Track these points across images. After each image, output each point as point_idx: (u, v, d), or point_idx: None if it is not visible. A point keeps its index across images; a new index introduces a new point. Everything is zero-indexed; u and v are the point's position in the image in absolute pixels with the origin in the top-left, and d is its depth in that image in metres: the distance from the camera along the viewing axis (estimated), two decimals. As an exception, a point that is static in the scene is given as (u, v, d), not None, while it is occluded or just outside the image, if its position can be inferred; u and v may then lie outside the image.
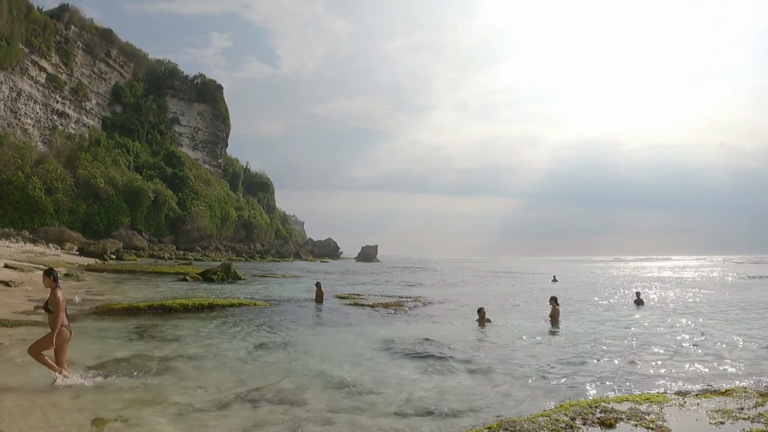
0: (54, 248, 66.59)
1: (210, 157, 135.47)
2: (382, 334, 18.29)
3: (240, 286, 37.18)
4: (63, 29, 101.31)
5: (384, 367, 13.29)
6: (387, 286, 44.44)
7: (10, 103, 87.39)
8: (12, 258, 42.99)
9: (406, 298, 32.26)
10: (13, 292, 24.83)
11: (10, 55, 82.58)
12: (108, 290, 30.32)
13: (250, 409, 9.60)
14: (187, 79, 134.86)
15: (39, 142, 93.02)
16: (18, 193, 77.88)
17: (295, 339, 16.99)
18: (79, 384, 10.40)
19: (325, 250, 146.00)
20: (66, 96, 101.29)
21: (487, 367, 13.69)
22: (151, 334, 16.72)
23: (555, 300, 23.66)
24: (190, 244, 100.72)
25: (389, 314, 24.35)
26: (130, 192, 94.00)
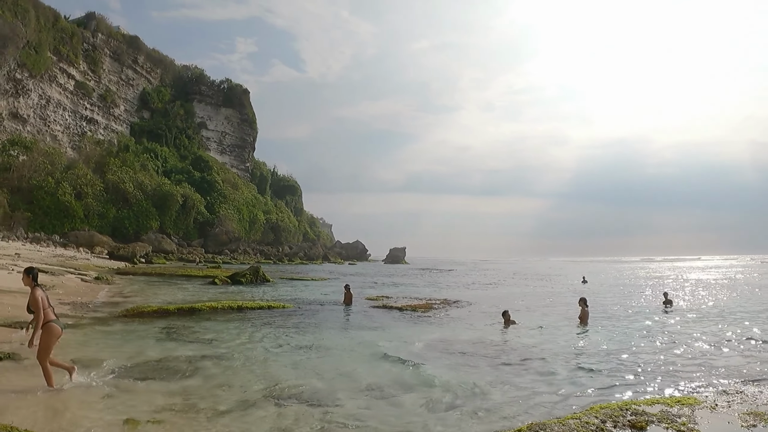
0: (84, 252, 67.24)
1: (238, 161, 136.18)
2: (411, 336, 18.31)
3: (268, 289, 37.31)
4: (90, 37, 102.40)
5: (412, 369, 13.26)
6: (415, 288, 44.48)
7: (40, 111, 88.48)
8: (43, 262, 43.34)
9: (434, 300, 32.06)
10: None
11: (38, 63, 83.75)
12: (138, 293, 30.62)
13: (279, 409, 9.69)
14: (213, 84, 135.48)
15: (68, 148, 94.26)
16: (48, 198, 78.92)
17: (324, 341, 17.05)
18: (96, 384, 10.57)
19: (353, 253, 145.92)
20: (94, 102, 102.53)
21: (515, 368, 13.71)
22: (180, 335, 16.93)
23: (584, 301, 23.50)
24: (219, 247, 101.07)
25: (418, 316, 24.34)
26: (159, 196, 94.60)
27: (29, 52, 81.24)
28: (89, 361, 12.65)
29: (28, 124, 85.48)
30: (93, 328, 17.71)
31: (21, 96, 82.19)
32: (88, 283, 34.15)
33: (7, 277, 28.85)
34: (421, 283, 53.06)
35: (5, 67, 73.91)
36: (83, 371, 11.43)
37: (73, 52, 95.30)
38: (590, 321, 22.82)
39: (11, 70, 77.13)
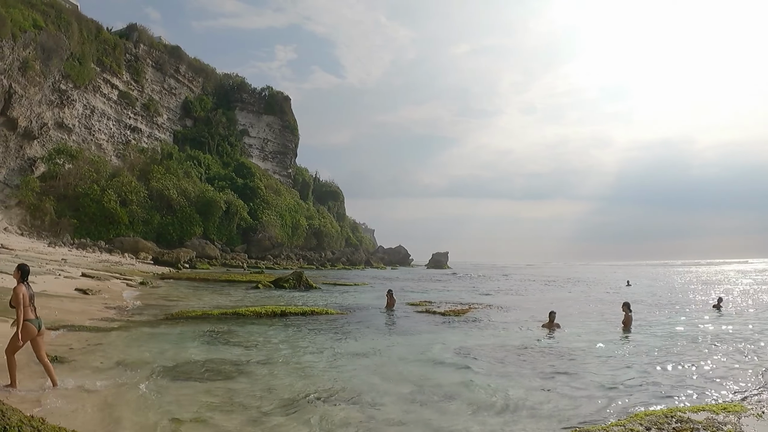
0: (129, 257, 68.16)
1: (280, 168, 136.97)
2: (454, 341, 18.21)
3: (311, 294, 37.43)
4: (132, 48, 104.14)
5: (455, 373, 13.24)
6: (458, 293, 44.21)
7: (85, 120, 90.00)
8: (89, 267, 43.91)
9: (477, 304, 32.01)
10: (90, 299, 25.56)
11: (82, 74, 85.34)
12: (182, 297, 31.09)
13: (323, 412, 9.71)
14: (255, 92, 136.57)
15: (113, 157, 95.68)
16: (94, 206, 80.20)
17: (367, 345, 17.07)
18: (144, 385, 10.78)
19: (395, 258, 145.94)
20: (138, 112, 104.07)
21: (558, 373, 13.57)
22: (224, 339, 17.10)
23: (628, 306, 23.08)
24: (262, 252, 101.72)
25: (460, 321, 24.22)
26: (203, 203, 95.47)
27: (73, 63, 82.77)
28: (135, 362, 12.92)
29: (74, 134, 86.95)
30: (138, 330, 18.04)
31: (66, 106, 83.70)
32: (133, 288, 34.58)
33: (54, 281, 29.54)
34: (463, 288, 52.78)
35: (50, 78, 75.46)
36: (129, 371, 11.82)
37: (116, 62, 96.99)
38: (634, 326, 22.54)
39: (56, 82, 78.70)
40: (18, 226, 71.90)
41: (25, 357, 10.87)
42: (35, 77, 69.93)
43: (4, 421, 5.72)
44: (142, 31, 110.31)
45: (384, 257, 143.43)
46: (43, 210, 75.02)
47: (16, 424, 5.75)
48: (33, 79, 69.49)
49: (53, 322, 17.27)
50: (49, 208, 75.54)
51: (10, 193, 72.20)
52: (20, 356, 10.30)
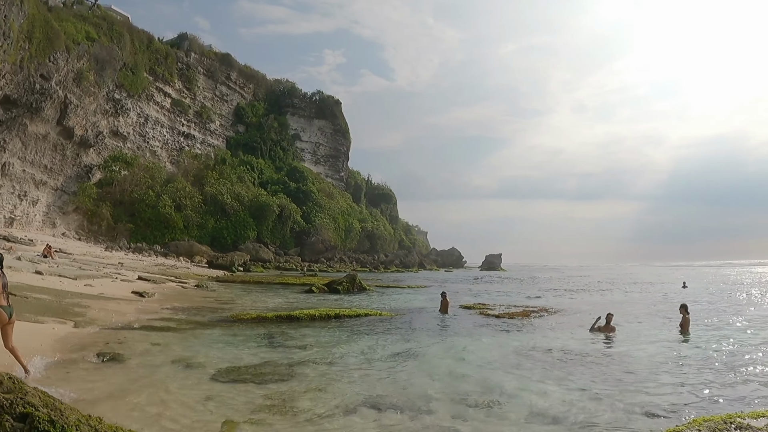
0: (184, 261, 69.26)
1: (332, 171, 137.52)
2: (509, 344, 18.17)
3: (365, 297, 37.65)
4: (184, 56, 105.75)
5: (509, 377, 13.12)
6: (512, 295, 44.20)
7: (139, 128, 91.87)
8: (145, 271, 44.64)
9: (531, 307, 31.92)
10: (146, 302, 26.24)
11: (136, 83, 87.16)
12: (236, 300, 31.51)
13: (376, 415, 9.73)
14: (305, 97, 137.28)
15: (167, 163, 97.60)
16: (150, 211, 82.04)
17: (421, 348, 17.03)
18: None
19: (448, 260, 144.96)
20: (191, 119, 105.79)
21: (613, 377, 13.38)
22: (279, 341, 17.21)
23: (685, 308, 22.27)
24: (315, 255, 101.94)
25: (515, 324, 24.05)
26: (256, 207, 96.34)
27: (126, 73, 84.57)
28: (190, 363, 13.18)
29: (129, 141, 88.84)
30: (194, 332, 18.34)
31: (120, 115, 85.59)
32: (188, 291, 35.11)
33: (111, 284, 30.29)
34: (517, 290, 52.54)
35: (104, 88, 77.27)
36: (185, 371, 12.14)
37: (168, 71, 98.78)
38: (691, 329, 21.88)
39: (110, 91, 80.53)
40: (76, 231, 73.93)
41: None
42: (90, 87, 71.65)
43: (63, 420, 5.76)
44: (192, 40, 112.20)
45: (437, 259, 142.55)
46: (100, 215, 77.04)
47: (74, 423, 5.81)
48: (88, 90, 71.20)
49: (112, 323, 18.00)
50: (105, 213, 77.54)
51: (68, 199, 74.26)
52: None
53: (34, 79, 58.50)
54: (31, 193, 66.54)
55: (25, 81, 57.25)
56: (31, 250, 42.54)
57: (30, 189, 66.06)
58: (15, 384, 6.24)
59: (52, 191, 71.43)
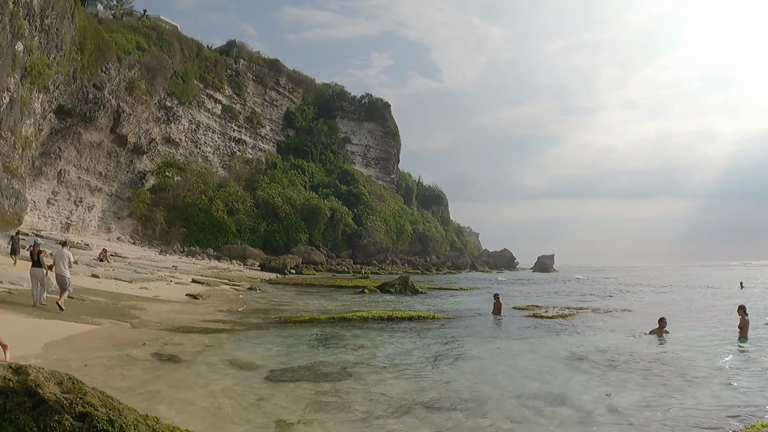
0: (237, 264, 70.09)
1: (383, 173, 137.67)
2: (562, 346, 17.92)
3: (418, 299, 37.36)
4: (233, 63, 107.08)
5: (564, 380, 12.95)
6: (564, 297, 43.55)
7: (191, 134, 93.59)
8: (199, 274, 45.17)
9: (584, 309, 31.45)
10: (201, 304, 26.69)
11: (186, 91, 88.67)
12: (289, 302, 31.69)
13: (430, 416, 9.61)
14: (354, 100, 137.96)
15: (219, 168, 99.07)
16: (203, 215, 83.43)
17: (474, 350, 16.92)
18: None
19: (500, 261, 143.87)
20: (241, 124, 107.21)
21: (667, 381, 13.03)
22: (332, 342, 17.26)
23: (743, 309, 21.09)
24: (367, 258, 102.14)
25: (568, 326, 23.70)
26: (308, 210, 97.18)
27: (177, 81, 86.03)
28: (245, 363, 13.23)
29: (181, 147, 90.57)
30: (248, 333, 18.44)
31: (172, 122, 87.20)
32: (242, 293, 35.33)
33: (166, 287, 30.90)
34: (570, 292, 51.78)
35: (156, 96, 78.79)
36: (239, 372, 12.20)
37: (218, 78, 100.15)
38: (751, 331, 20.73)
39: (161, 99, 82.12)
40: (130, 235, 75.58)
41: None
42: (142, 96, 73.13)
43: (121, 420, 5.75)
44: (241, 46, 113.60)
45: (489, 261, 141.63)
46: (154, 220, 78.63)
47: (132, 423, 5.81)
48: (140, 98, 72.68)
49: (168, 325, 18.25)
50: (159, 218, 79.11)
51: (123, 205, 75.98)
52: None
53: (87, 89, 59.95)
54: (87, 199, 68.27)
55: (79, 91, 58.70)
56: (87, 254, 43.45)
57: (85, 195, 67.77)
58: (74, 384, 6.26)
59: (107, 197, 73.17)
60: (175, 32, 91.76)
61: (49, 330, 14.51)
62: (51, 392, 5.99)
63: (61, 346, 13.11)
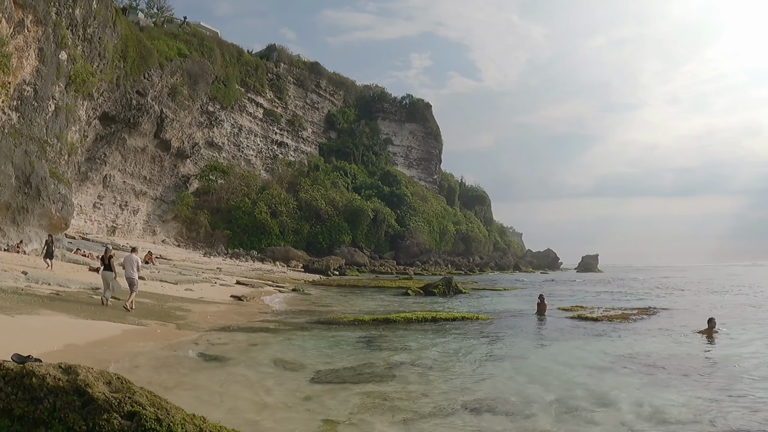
0: (280, 266, 70.60)
1: (425, 174, 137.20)
2: (608, 348, 17.68)
3: (461, 299, 37.11)
4: (273, 67, 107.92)
5: (610, 382, 12.74)
6: (610, 298, 43.03)
7: (233, 138, 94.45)
8: (243, 275, 45.54)
9: (630, 309, 30.71)
10: (245, 305, 26.87)
11: (228, 95, 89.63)
12: (333, 303, 31.87)
13: (475, 418, 9.58)
14: (395, 101, 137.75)
15: (262, 171, 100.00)
16: (246, 217, 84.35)
17: (519, 351, 16.84)
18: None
19: (544, 261, 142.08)
20: (283, 127, 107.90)
21: (716, 385, 12.65)
22: (377, 344, 17.28)
23: None
24: (410, 259, 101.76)
25: (613, 327, 23.38)
26: (350, 211, 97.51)
27: (219, 86, 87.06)
28: (289, 364, 13.30)
29: (224, 151, 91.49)
30: (292, 334, 18.55)
31: (215, 126, 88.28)
32: (286, 294, 35.45)
33: (210, 289, 31.26)
34: (615, 292, 50.84)
35: (198, 101, 79.87)
36: (285, 372, 12.37)
37: (259, 82, 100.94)
38: None
39: (204, 104, 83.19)
40: (175, 238, 76.77)
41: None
42: (184, 101, 74.25)
43: (169, 419, 5.86)
44: (281, 50, 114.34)
45: (533, 261, 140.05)
46: (198, 223, 79.84)
47: (179, 422, 5.90)
48: (182, 103, 73.80)
49: (212, 326, 18.52)
50: (203, 221, 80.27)
51: (167, 208, 77.25)
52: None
53: (130, 96, 61.12)
54: (132, 203, 69.67)
55: (122, 98, 59.89)
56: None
57: (130, 199, 69.16)
58: (123, 384, 6.37)
59: (151, 201, 74.55)
60: (215, 38, 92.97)
61: (96, 330, 14.77)
62: (100, 391, 6.11)
63: (108, 346, 13.32)
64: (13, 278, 21.61)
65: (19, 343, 10.86)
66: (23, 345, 10.40)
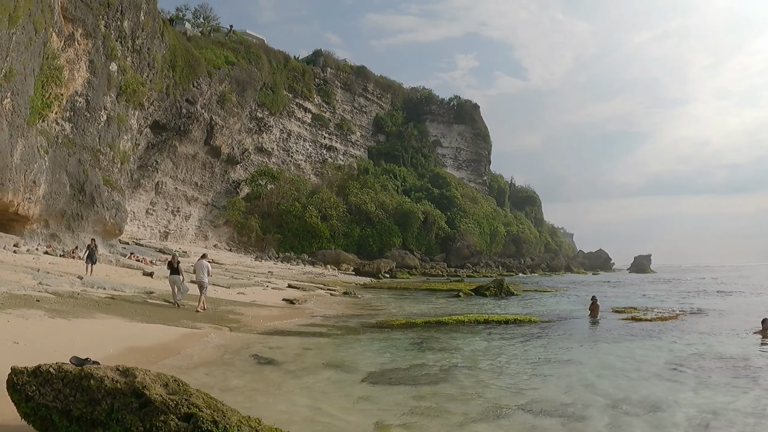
0: (331, 269, 70.88)
1: (474, 175, 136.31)
2: (662, 350, 17.58)
3: (513, 301, 37.17)
4: (320, 72, 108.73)
5: (665, 385, 12.67)
6: (663, 299, 42.48)
7: (282, 143, 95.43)
8: (294, 279, 45.78)
9: (684, 310, 30.77)
10: (297, 308, 27.11)
11: (276, 101, 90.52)
12: (384, 306, 31.98)
13: (529, 420, 9.60)
14: (443, 103, 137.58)
15: (312, 175, 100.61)
16: (296, 222, 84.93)
17: (572, 354, 16.83)
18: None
19: (596, 262, 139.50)
20: (332, 132, 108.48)
21: None
22: (429, 346, 17.27)
23: None
24: (461, 261, 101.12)
25: (668, 329, 23.24)
26: (400, 214, 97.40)
27: (266, 92, 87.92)
28: (342, 366, 13.51)
29: (273, 156, 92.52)
30: (345, 337, 18.76)
31: (264, 132, 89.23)
32: (337, 298, 35.73)
33: (262, 293, 31.55)
34: (668, 293, 50.29)
35: (247, 108, 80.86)
36: (338, 374, 12.49)
37: (306, 87, 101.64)
38: None
39: (252, 110, 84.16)
40: (226, 242, 77.88)
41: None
42: (233, 108, 75.25)
43: (225, 421, 6.03)
44: (327, 55, 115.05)
45: (584, 262, 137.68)
46: (249, 227, 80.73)
47: (235, 424, 6.07)
48: (231, 110, 74.81)
49: (266, 329, 18.80)
50: (254, 225, 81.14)
51: (218, 213, 78.43)
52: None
53: (180, 104, 62.34)
54: (184, 208, 70.98)
55: (172, 106, 61.11)
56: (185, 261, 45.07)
57: (182, 205, 70.47)
58: (179, 386, 6.56)
59: (203, 206, 75.85)
60: (261, 45, 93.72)
61: (151, 333, 15.10)
62: (157, 393, 6.31)
63: (163, 349, 13.56)
64: (69, 283, 22.18)
65: (76, 345, 11.25)
66: (80, 348, 10.67)
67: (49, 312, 15.06)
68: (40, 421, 6.47)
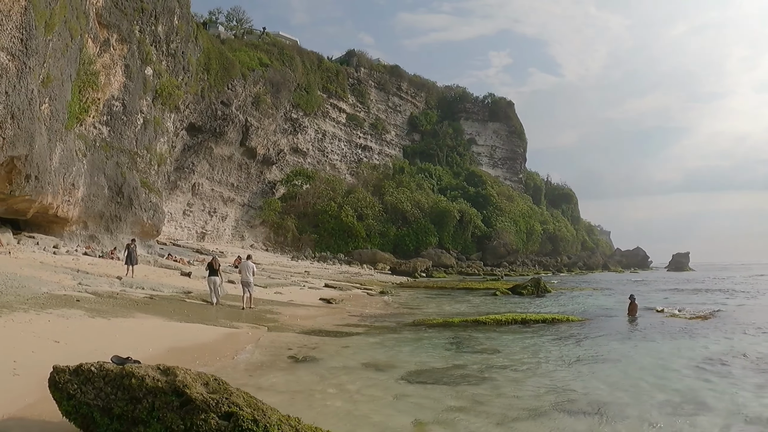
0: (368, 268, 70.87)
1: (510, 173, 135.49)
2: (701, 349, 17.36)
3: (550, 300, 36.97)
4: (354, 72, 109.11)
5: (704, 383, 12.57)
6: (702, 297, 41.76)
7: (317, 143, 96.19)
8: (331, 278, 45.78)
9: (724, 309, 30.48)
10: (334, 308, 27.11)
11: (311, 102, 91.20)
12: (421, 305, 31.76)
13: (567, 419, 9.58)
14: (477, 101, 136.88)
15: (347, 175, 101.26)
16: (332, 221, 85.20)
17: (611, 353, 16.73)
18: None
19: (633, 260, 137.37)
20: (366, 131, 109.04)
21: None
22: (466, 345, 17.23)
23: None
24: (497, 259, 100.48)
25: (707, 327, 22.97)
26: (436, 213, 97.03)
27: (301, 93, 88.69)
28: (380, 365, 13.54)
29: (308, 157, 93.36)
30: (382, 336, 18.68)
31: (299, 133, 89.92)
32: (374, 297, 35.56)
33: (299, 292, 31.63)
34: (708, 291, 49.23)
35: (281, 109, 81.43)
36: (375, 373, 12.52)
37: (340, 88, 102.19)
38: None
39: (287, 111, 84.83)
40: (263, 242, 78.42)
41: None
42: (268, 110, 75.71)
43: (265, 420, 6.14)
44: (360, 55, 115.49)
45: (621, 260, 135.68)
46: (285, 227, 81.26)
47: (275, 423, 6.18)
48: (266, 112, 75.28)
49: (303, 328, 18.74)
50: (290, 225, 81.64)
51: (255, 214, 79.10)
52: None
53: (215, 107, 62.90)
54: (220, 209, 71.67)
55: (208, 109, 61.70)
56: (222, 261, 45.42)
57: (219, 206, 71.17)
58: (220, 384, 6.66)
59: (239, 207, 76.53)
60: (295, 46, 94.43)
61: (190, 333, 15.24)
62: (198, 392, 6.40)
63: (201, 348, 13.65)
64: (108, 283, 22.50)
65: (116, 345, 11.47)
66: (120, 347, 10.87)
67: (89, 312, 15.26)
68: (81, 419, 6.56)
